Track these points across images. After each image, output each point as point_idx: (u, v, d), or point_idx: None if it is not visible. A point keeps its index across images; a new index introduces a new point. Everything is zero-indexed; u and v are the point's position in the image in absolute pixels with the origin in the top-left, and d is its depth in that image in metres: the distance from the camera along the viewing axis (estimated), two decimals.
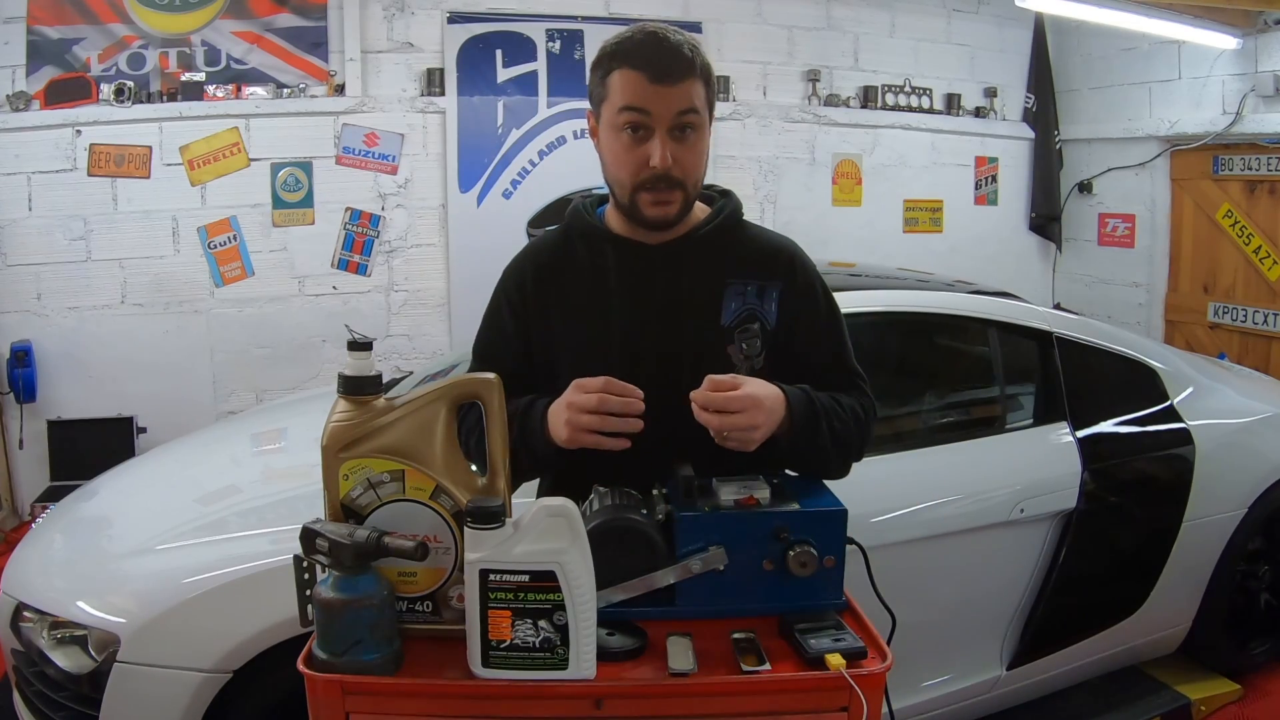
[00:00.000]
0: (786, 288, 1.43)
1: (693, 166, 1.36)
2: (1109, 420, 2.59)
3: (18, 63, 4.19)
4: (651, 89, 1.31)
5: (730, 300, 1.41)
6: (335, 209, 4.59)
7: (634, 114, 1.32)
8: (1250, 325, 5.02)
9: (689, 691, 1.09)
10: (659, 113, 1.31)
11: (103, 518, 2.48)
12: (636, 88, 1.31)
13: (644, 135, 1.33)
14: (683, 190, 1.36)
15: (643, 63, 1.31)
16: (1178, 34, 4.69)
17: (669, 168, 1.33)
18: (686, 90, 1.32)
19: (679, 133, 1.33)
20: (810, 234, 5.18)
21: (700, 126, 1.35)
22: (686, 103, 1.32)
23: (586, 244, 1.47)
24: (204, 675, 1.85)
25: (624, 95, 1.33)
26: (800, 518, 1.22)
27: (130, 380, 4.35)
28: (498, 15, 4.74)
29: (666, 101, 1.31)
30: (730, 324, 1.41)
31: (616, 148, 1.36)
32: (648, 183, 1.34)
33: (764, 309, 1.42)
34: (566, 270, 1.47)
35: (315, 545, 1.10)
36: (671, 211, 1.37)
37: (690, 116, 1.33)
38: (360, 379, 1.16)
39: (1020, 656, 2.46)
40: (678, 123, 1.32)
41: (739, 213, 1.49)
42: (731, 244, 1.45)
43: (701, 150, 1.37)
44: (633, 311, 1.42)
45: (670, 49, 1.32)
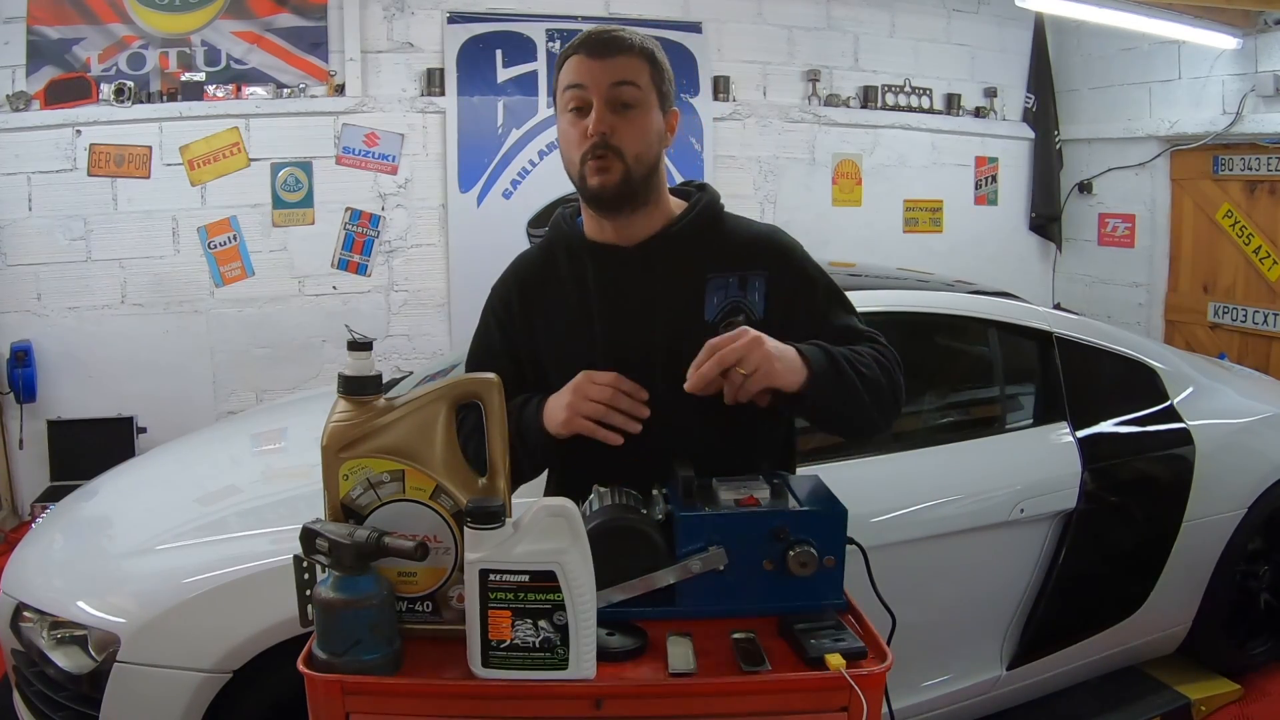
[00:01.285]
0: (773, 275, 1.42)
1: (633, 137, 1.36)
2: (1109, 420, 2.59)
3: (18, 63, 4.19)
4: (589, 63, 1.36)
5: (712, 295, 1.40)
6: (335, 209, 4.60)
7: (574, 91, 1.36)
8: (1250, 325, 5.02)
9: (689, 691, 1.09)
10: (594, 84, 1.35)
11: (103, 518, 2.48)
12: (576, 67, 1.37)
13: (586, 112, 1.36)
14: (622, 161, 1.35)
15: (583, 44, 1.38)
16: (1178, 34, 4.69)
17: (606, 135, 1.34)
18: (622, 63, 1.36)
19: (619, 107, 1.35)
20: (810, 234, 5.15)
21: (641, 103, 1.36)
22: (622, 73, 1.35)
23: (567, 254, 1.47)
24: (204, 675, 1.84)
25: (568, 75, 1.38)
26: (800, 518, 1.22)
27: (130, 380, 4.35)
28: (498, 15, 4.74)
29: (601, 73, 1.35)
30: (714, 319, 1.40)
31: (564, 126, 1.40)
32: (588, 153, 1.35)
33: (749, 299, 1.41)
34: (549, 283, 1.48)
35: (315, 545, 1.10)
36: (611, 180, 1.35)
37: (627, 90, 1.35)
38: (360, 379, 1.16)
39: (1020, 656, 2.46)
40: (614, 95, 1.35)
41: (715, 205, 1.48)
42: (710, 238, 1.44)
43: (643, 125, 1.37)
44: (613, 316, 1.41)
45: (611, 33, 1.38)
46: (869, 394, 1.34)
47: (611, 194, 1.37)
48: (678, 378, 1.29)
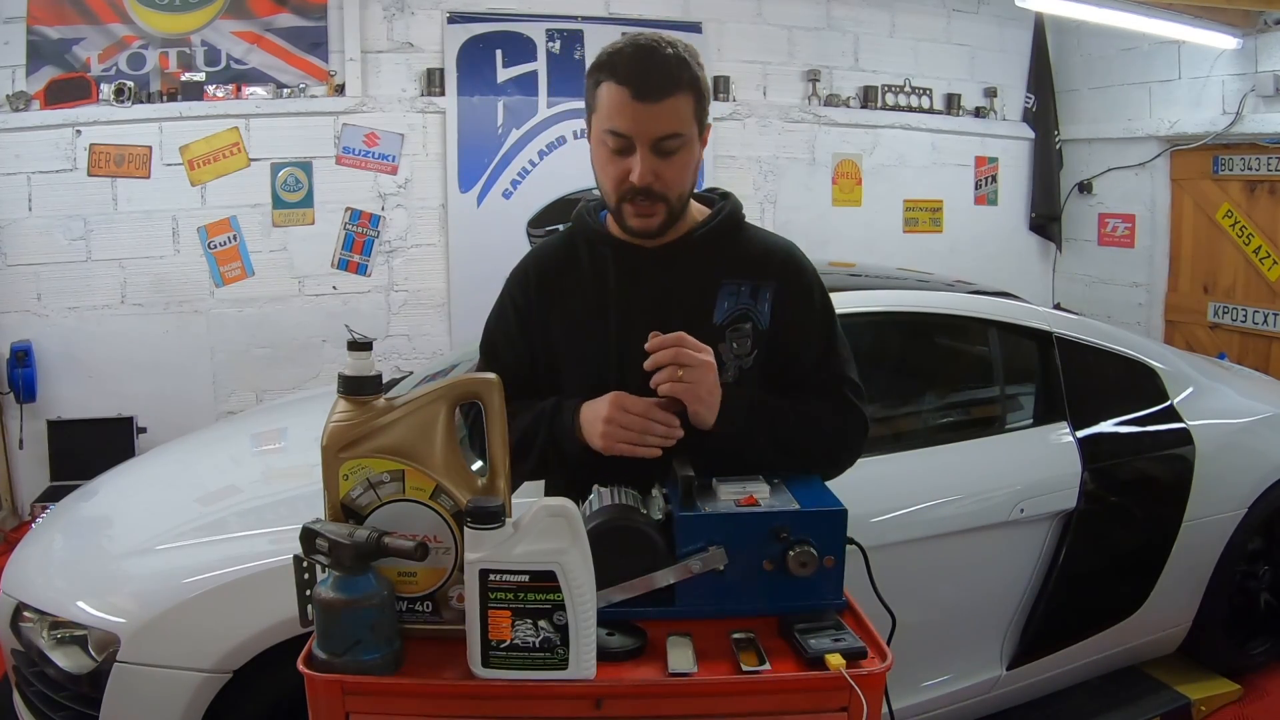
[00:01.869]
0: (781, 288, 1.44)
1: (675, 181, 1.36)
2: (1109, 420, 2.59)
3: (18, 63, 4.18)
4: (633, 106, 1.31)
5: (723, 300, 1.42)
6: (335, 209, 4.59)
7: (616, 136, 1.34)
8: (1250, 325, 5.02)
9: (689, 691, 1.09)
10: (639, 134, 1.32)
11: (103, 518, 2.48)
12: (619, 105, 1.32)
13: (627, 150, 1.34)
14: (665, 203, 1.37)
15: (627, 77, 1.32)
16: (1178, 34, 4.69)
17: (649, 184, 1.34)
18: (669, 109, 1.32)
19: (660, 152, 1.34)
20: (810, 234, 5.21)
21: (685, 145, 1.35)
22: (668, 127, 1.32)
23: (588, 247, 1.49)
24: (204, 675, 1.85)
25: (607, 114, 1.34)
26: (800, 518, 1.22)
27: (130, 380, 4.35)
28: (498, 15, 4.74)
29: (647, 122, 1.32)
30: (722, 323, 1.42)
31: (601, 158, 1.38)
32: (629, 195, 1.36)
33: (757, 309, 1.43)
34: (568, 274, 1.49)
35: (315, 545, 1.10)
36: (654, 223, 1.38)
37: (671, 140, 1.33)
38: (360, 379, 1.16)
39: (1020, 656, 2.46)
40: (658, 145, 1.33)
41: (738, 215, 1.50)
42: (728, 245, 1.46)
43: (686, 164, 1.37)
44: (627, 312, 1.43)
45: (657, 64, 1.32)
46: (780, 454, 1.38)
47: (655, 234, 1.40)
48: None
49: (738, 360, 1.41)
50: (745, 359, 1.41)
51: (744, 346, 1.41)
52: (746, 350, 1.41)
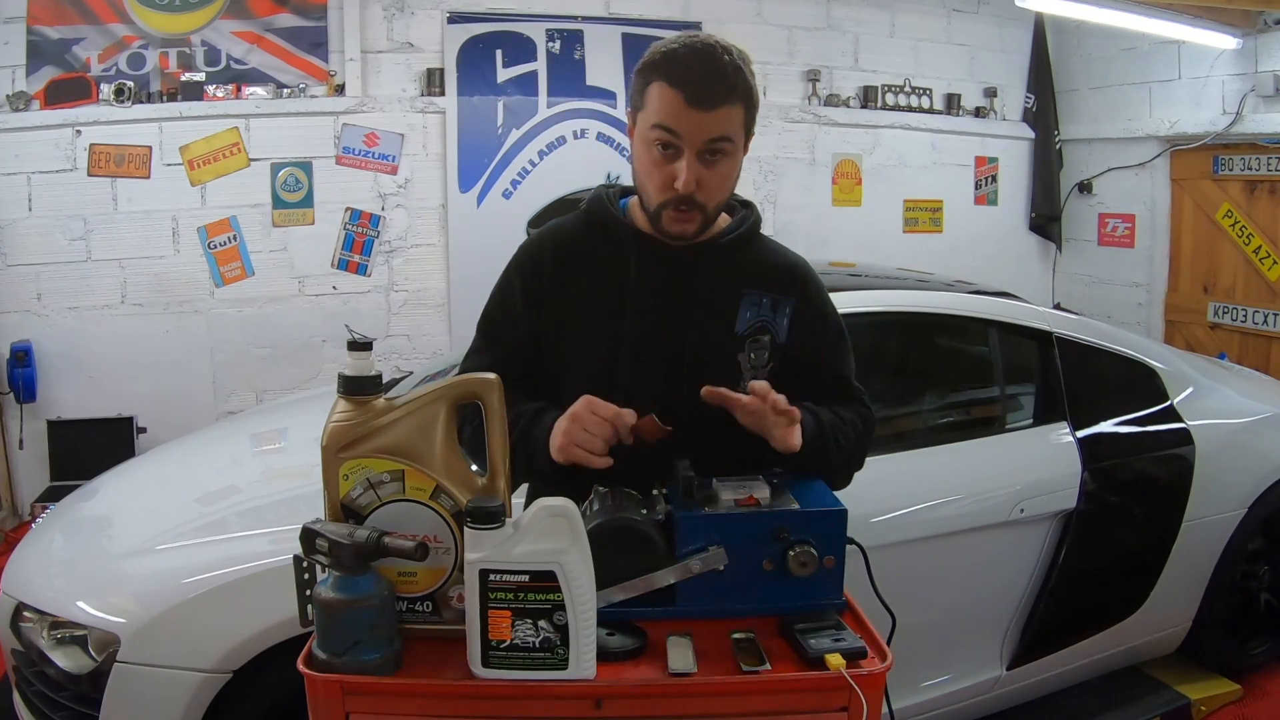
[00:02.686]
0: (800, 304, 1.46)
1: (717, 190, 1.36)
2: (1109, 420, 2.59)
3: (18, 63, 4.19)
4: (686, 111, 1.30)
5: (746, 309, 1.43)
6: (335, 209, 4.60)
7: (665, 133, 1.32)
8: (1250, 325, 5.02)
9: (689, 691, 1.09)
10: (690, 136, 1.31)
11: (103, 518, 2.48)
12: (672, 107, 1.30)
13: (673, 154, 1.32)
14: (703, 212, 1.37)
15: (682, 81, 1.30)
16: (1178, 34, 4.69)
17: (693, 192, 1.33)
18: (722, 116, 1.31)
19: (708, 157, 1.33)
20: (810, 234, 5.21)
21: (732, 153, 1.35)
22: (719, 131, 1.31)
23: (608, 236, 1.46)
24: (204, 675, 1.85)
25: (658, 112, 1.31)
26: (800, 518, 1.22)
27: (130, 380, 4.35)
28: (498, 15, 4.74)
29: (699, 127, 1.30)
30: (744, 332, 1.42)
31: (646, 160, 1.36)
32: (671, 201, 1.35)
33: (776, 322, 1.44)
34: (586, 260, 1.46)
35: (315, 545, 1.09)
36: (690, 229, 1.38)
37: (722, 144, 1.32)
38: (360, 379, 1.16)
39: (1020, 656, 2.46)
40: (707, 148, 1.32)
41: (758, 225, 1.51)
42: (749, 255, 1.47)
43: (729, 174, 1.37)
44: (648, 309, 1.42)
45: (715, 70, 1.30)
46: (840, 462, 1.41)
47: (689, 239, 1.40)
48: (696, 381, 1.34)
49: (754, 372, 1.41)
50: (761, 371, 1.41)
51: (761, 359, 1.42)
52: (764, 362, 1.42)
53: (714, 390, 1.30)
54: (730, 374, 1.39)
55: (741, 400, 1.28)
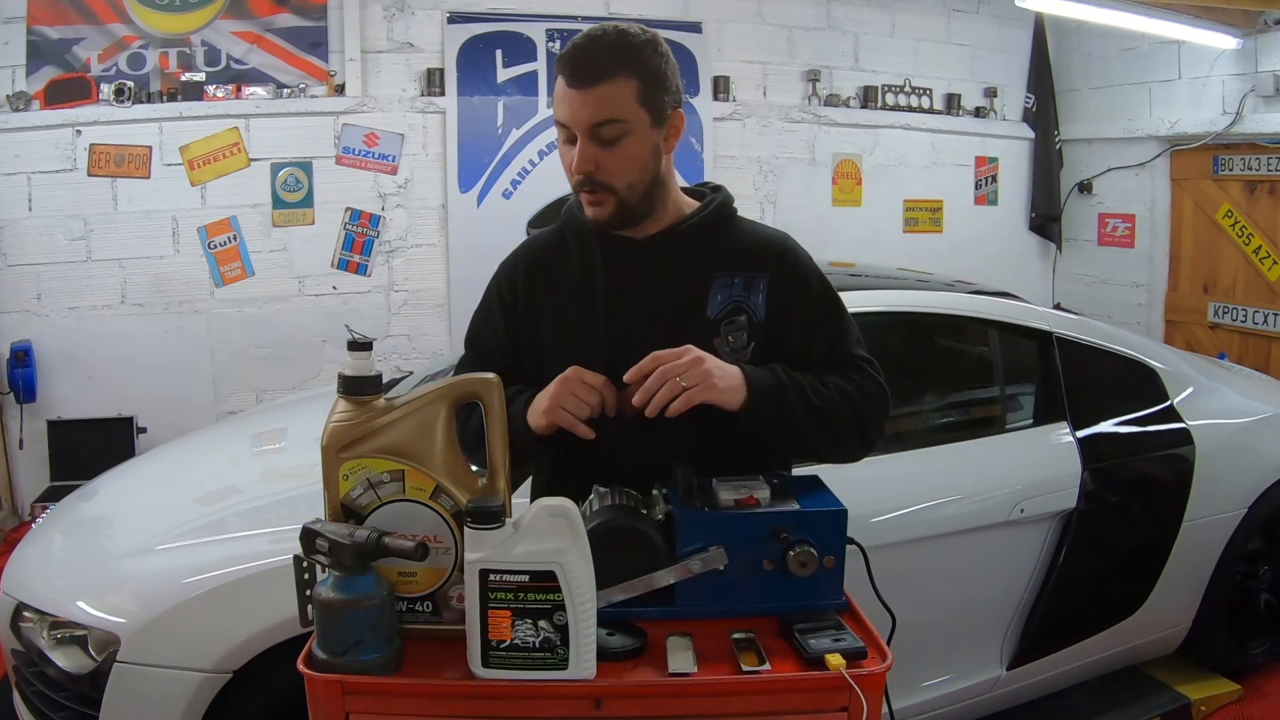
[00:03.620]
0: (775, 278, 1.41)
1: (620, 170, 1.34)
2: (1109, 420, 2.59)
3: (18, 63, 4.18)
4: (569, 95, 1.31)
5: (716, 293, 1.40)
6: (335, 209, 4.59)
7: (560, 127, 1.35)
8: (1250, 325, 5.02)
9: (689, 691, 1.09)
10: (574, 118, 1.31)
11: (103, 518, 2.48)
12: (560, 94, 1.33)
13: (571, 139, 1.34)
14: (613, 194, 1.35)
15: (563, 64, 1.33)
16: (1178, 34, 4.69)
17: (590, 172, 1.33)
18: (604, 95, 1.30)
19: (603, 138, 1.32)
20: (810, 234, 5.16)
21: (629, 133, 1.32)
22: (603, 112, 1.30)
23: (578, 241, 1.47)
24: (204, 675, 1.85)
25: (555, 104, 1.35)
26: (800, 518, 1.22)
27: (130, 380, 4.35)
28: (498, 15, 4.74)
29: (581, 110, 1.31)
30: (716, 316, 1.39)
31: (560, 147, 1.38)
32: (578, 185, 1.36)
33: (751, 300, 1.40)
34: (556, 268, 1.48)
35: (315, 545, 1.10)
36: (604, 213, 1.36)
37: (608, 127, 1.31)
38: (360, 379, 1.16)
39: (1020, 656, 2.46)
40: (596, 133, 1.31)
41: (728, 207, 1.47)
42: (719, 237, 1.44)
43: (631, 156, 1.33)
44: (618, 307, 1.42)
45: (595, 48, 1.31)
46: (818, 425, 1.35)
47: (607, 224, 1.38)
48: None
49: (734, 355, 1.38)
50: (742, 352, 1.39)
51: (740, 340, 1.38)
52: (743, 344, 1.39)
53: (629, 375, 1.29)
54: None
55: (636, 367, 1.28)
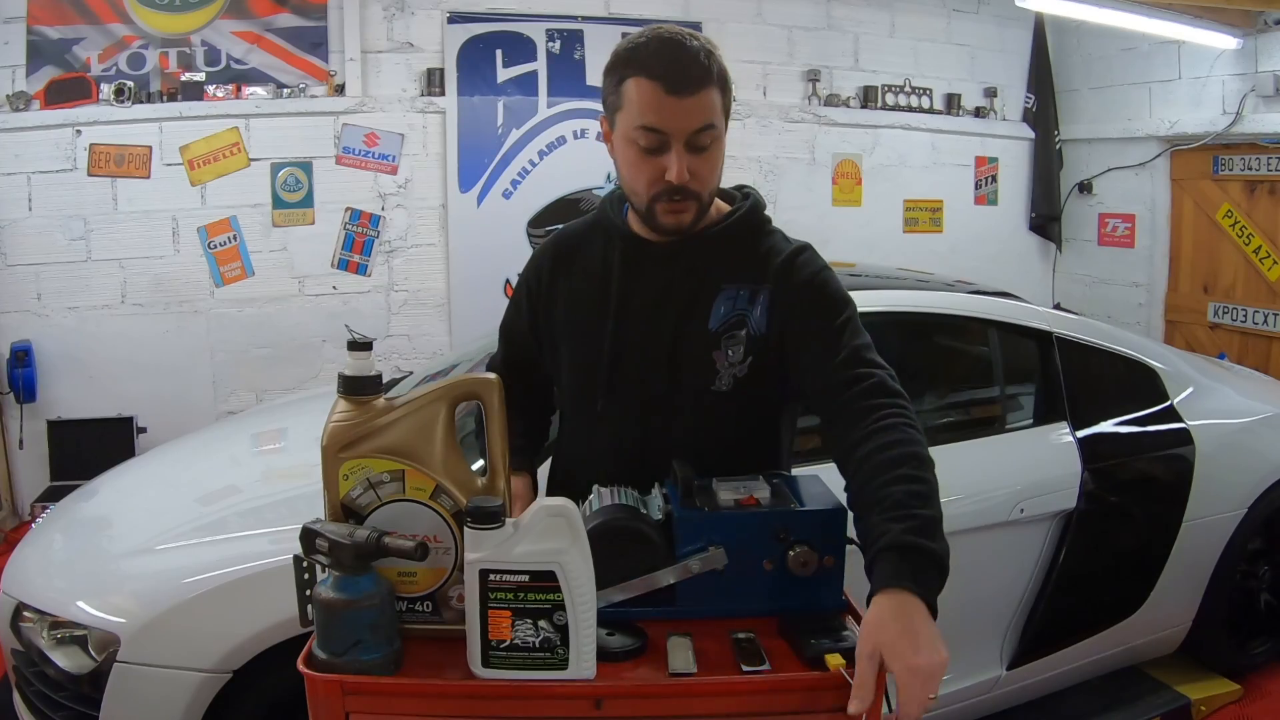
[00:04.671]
0: (776, 291, 1.37)
1: (709, 177, 1.34)
2: (1109, 420, 2.59)
3: (18, 63, 4.18)
4: (668, 101, 1.27)
5: (721, 305, 1.37)
6: (335, 209, 4.59)
7: (651, 133, 1.29)
8: (1250, 325, 5.02)
9: (689, 691, 1.09)
10: (675, 127, 1.28)
11: (103, 518, 2.48)
12: (652, 101, 1.27)
13: (660, 148, 1.30)
14: (697, 201, 1.34)
15: (658, 72, 1.27)
16: (1178, 34, 4.69)
17: (686, 181, 1.30)
18: (703, 102, 1.28)
19: (695, 148, 1.30)
20: (810, 234, 5.13)
21: (716, 139, 1.32)
22: (703, 118, 1.29)
23: (604, 237, 1.47)
24: (204, 675, 1.85)
25: (640, 111, 1.29)
26: (800, 518, 1.22)
27: (130, 380, 4.35)
28: (498, 15, 4.74)
29: (683, 117, 1.28)
30: (717, 329, 1.37)
31: (631, 157, 1.32)
32: (663, 194, 1.32)
33: (752, 314, 1.37)
34: (578, 261, 1.48)
35: (315, 545, 1.09)
36: (686, 219, 1.35)
37: (706, 133, 1.30)
38: (360, 379, 1.16)
39: (1020, 656, 2.46)
40: (694, 140, 1.29)
41: (756, 215, 1.44)
42: (736, 248, 1.41)
43: (717, 160, 1.35)
44: (626, 308, 1.41)
45: (687, 57, 1.28)
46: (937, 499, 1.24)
47: (685, 231, 1.37)
48: (676, 378, 1.35)
49: (732, 369, 1.36)
50: (739, 366, 1.36)
51: (737, 354, 1.36)
52: (740, 358, 1.36)
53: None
54: (705, 372, 1.36)
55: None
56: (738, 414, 1.39)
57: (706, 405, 1.37)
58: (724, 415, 1.38)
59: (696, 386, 1.36)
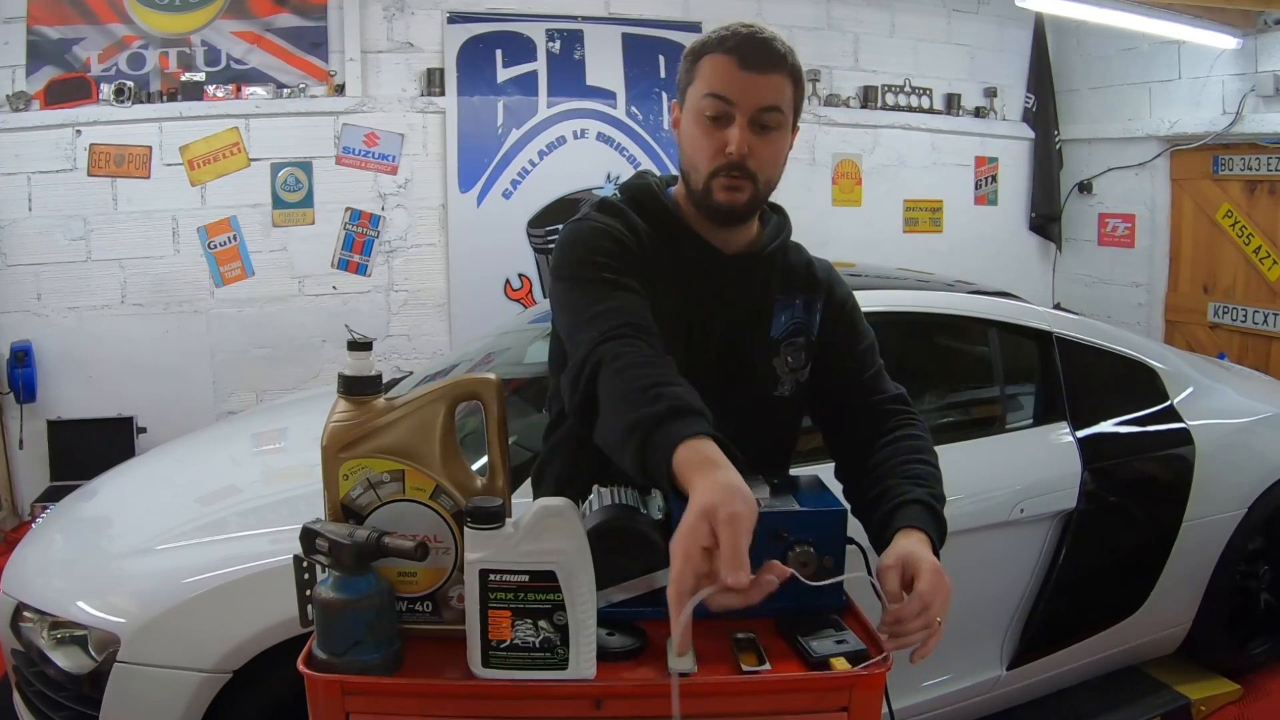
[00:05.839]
0: (827, 300, 1.46)
1: (768, 162, 1.34)
2: (1109, 420, 2.59)
3: (18, 63, 4.18)
4: (739, 75, 1.29)
5: (780, 314, 1.42)
6: (335, 209, 4.60)
7: (718, 101, 1.30)
8: (1250, 325, 5.02)
9: (689, 691, 1.09)
10: (742, 102, 1.29)
11: (103, 518, 2.48)
12: (724, 73, 1.30)
13: (724, 123, 1.31)
14: (753, 183, 1.33)
15: (734, 46, 1.30)
16: (1178, 34, 4.69)
17: (745, 157, 1.30)
18: (774, 83, 1.30)
19: (759, 127, 1.31)
20: (810, 234, 5.16)
21: (781, 126, 1.33)
22: (771, 97, 1.30)
23: (664, 228, 1.40)
24: (204, 675, 1.85)
25: (711, 80, 1.31)
26: (800, 518, 1.22)
27: (130, 380, 4.35)
28: (498, 15, 4.74)
29: (752, 91, 1.29)
30: (779, 336, 1.42)
31: (696, 133, 1.33)
32: (723, 169, 1.32)
33: (810, 321, 1.44)
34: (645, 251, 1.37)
35: (315, 545, 1.09)
36: (740, 199, 1.33)
37: (772, 115, 1.31)
38: (360, 379, 1.16)
39: (1020, 656, 2.46)
40: (759, 118, 1.30)
41: (790, 231, 1.50)
42: (782, 261, 1.46)
43: (779, 150, 1.35)
44: (698, 314, 1.39)
45: (764, 40, 1.32)
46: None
47: (738, 214, 1.36)
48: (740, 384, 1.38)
49: (793, 374, 1.42)
50: (800, 372, 1.42)
51: (799, 360, 1.42)
52: (801, 363, 1.42)
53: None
54: (766, 379, 1.41)
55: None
56: (793, 417, 1.48)
57: (767, 410, 1.42)
58: (783, 419, 1.45)
59: (760, 393, 1.41)
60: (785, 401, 1.43)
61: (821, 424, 1.50)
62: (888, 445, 1.37)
